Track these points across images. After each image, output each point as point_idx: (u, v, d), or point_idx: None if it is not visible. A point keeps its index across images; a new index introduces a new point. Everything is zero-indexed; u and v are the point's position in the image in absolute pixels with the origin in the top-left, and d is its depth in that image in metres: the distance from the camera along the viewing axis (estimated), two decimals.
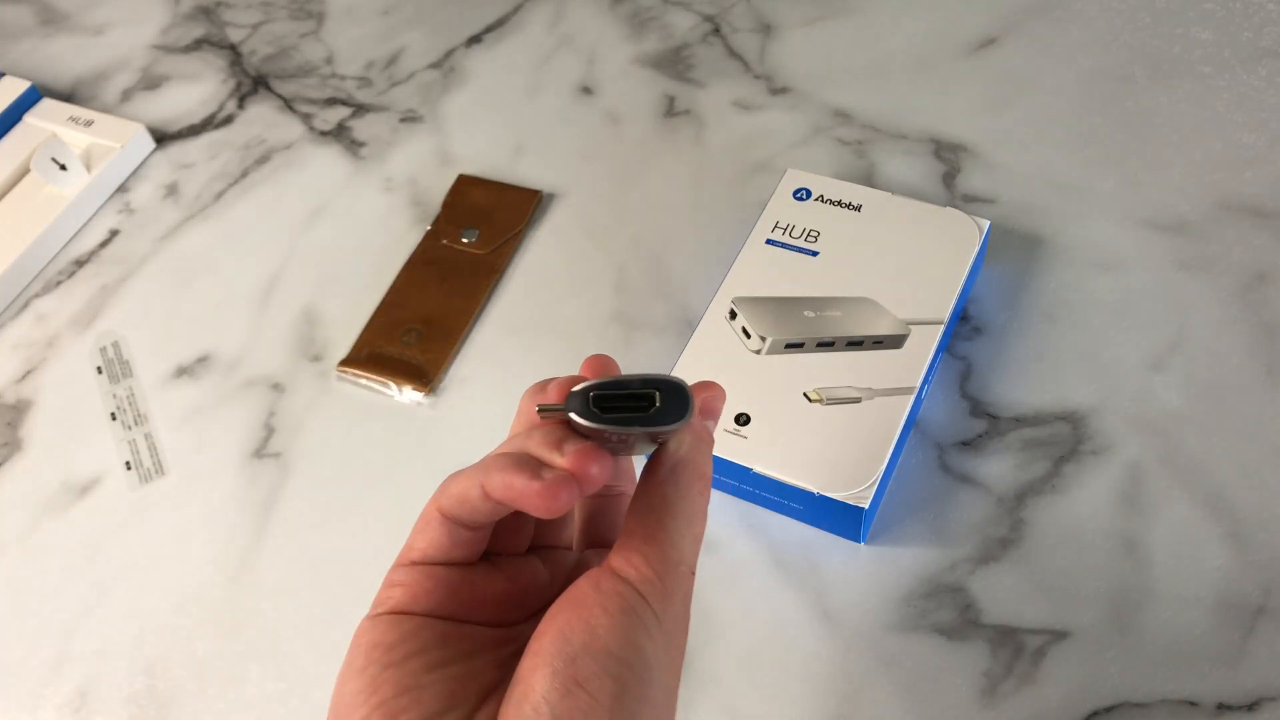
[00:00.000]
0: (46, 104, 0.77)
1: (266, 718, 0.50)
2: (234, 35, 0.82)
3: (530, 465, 0.29)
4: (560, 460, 0.29)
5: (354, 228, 0.69)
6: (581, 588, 0.30)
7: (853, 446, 0.50)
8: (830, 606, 0.50)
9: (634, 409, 0.29)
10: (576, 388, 0.29)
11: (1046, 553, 0.50)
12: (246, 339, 0.65)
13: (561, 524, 0.37)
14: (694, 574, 0.31)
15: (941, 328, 0.54)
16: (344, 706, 0.30)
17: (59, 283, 0.70)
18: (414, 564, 0.33)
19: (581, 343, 0.60)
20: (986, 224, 0.58)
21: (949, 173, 0.65)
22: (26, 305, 0.69)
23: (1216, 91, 0.66)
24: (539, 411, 0.30)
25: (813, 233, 0.59)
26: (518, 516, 0.34)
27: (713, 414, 0.34)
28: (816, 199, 0.60)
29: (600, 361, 0.34)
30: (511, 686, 0.29)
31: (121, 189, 0.74)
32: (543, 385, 0.33)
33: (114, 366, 0.65)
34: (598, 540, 0.38)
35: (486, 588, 0.33)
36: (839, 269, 0.57)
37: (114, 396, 0.63)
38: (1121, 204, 0.62)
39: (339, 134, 0.74)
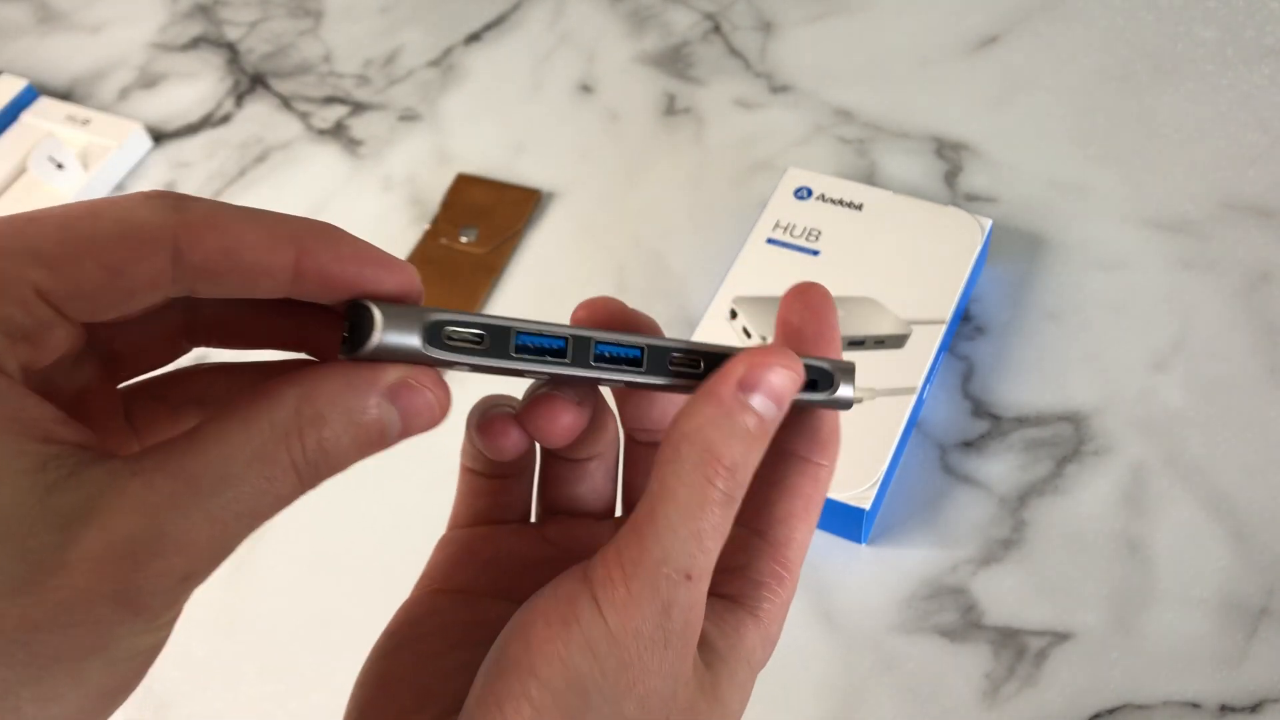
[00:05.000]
0: (43, 102, 0.77)
1: (264, 719, 0.50)
2: (231, 33, 0.82)
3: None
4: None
5: (352, 227, 0.68)
6: (546, 588, 0.25)
7: (854, 447, 0.50)
8: (831, 608, 0.49)
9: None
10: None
11: (1049, 554, 0.50)
12: None
13: None
14: (690, 579, 0.24)
15: (943, 327, 0.54)
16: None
17: None
18: (450, 528, 0.30)
19: None
20: (988, 223, 0.57)
21: (951, 172, 0.65)
22: None
23: (1219, 90, 0.65)
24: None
25: (814, 232, 0.59)
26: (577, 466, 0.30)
27: (751, 386, 0.25)
28: (817, 198, 0.60)
29: (604, 305, 0.28)
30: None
31: (119, 188, 0.74)
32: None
33: None
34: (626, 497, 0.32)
35: (517, 553, 0.29)
36: (840, 268, 0.57)
37: None
38: (1124, 203, 0.61)
39: (337, 133, 0.74)
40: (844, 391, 0.28)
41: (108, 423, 0.25)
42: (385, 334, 0.23)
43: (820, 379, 0.27)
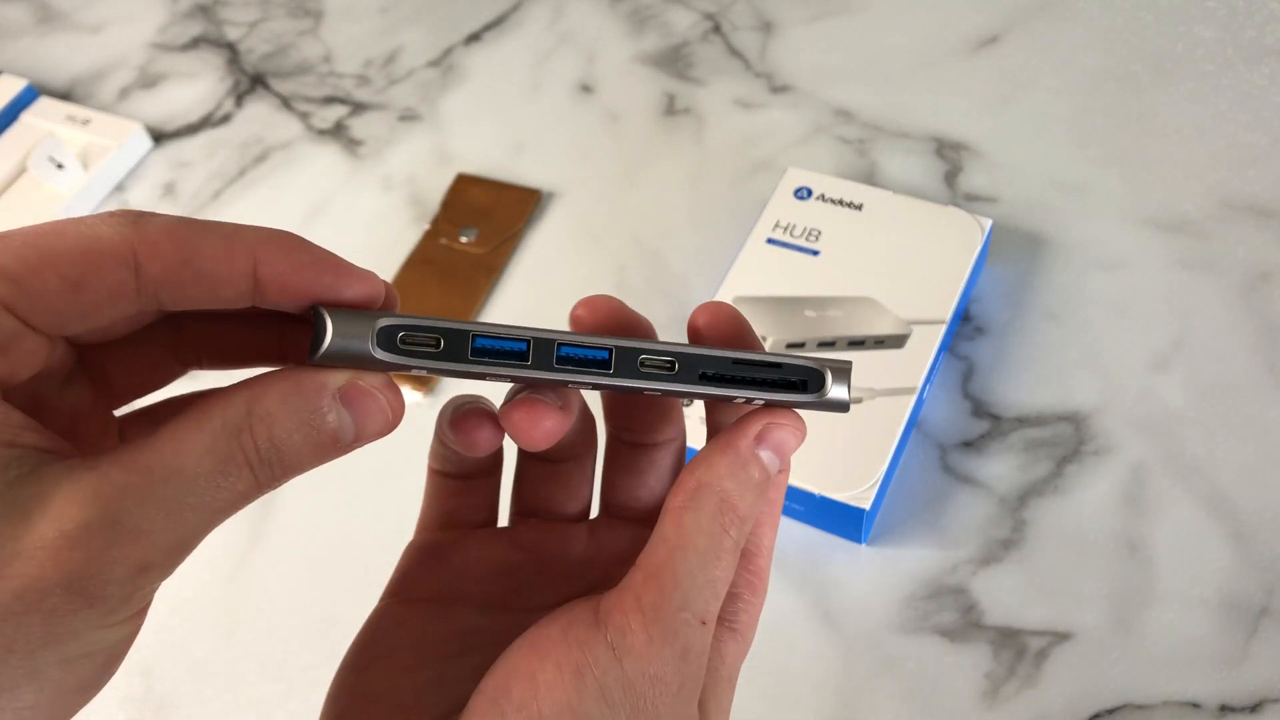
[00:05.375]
0: (43, 102, 0.77)
1: (264, 719, 0.50)
2: (231, 33, 0.82)
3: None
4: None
5: (352, 227, 0.69)
6: (551, 628, 0.25)
7: (854, 447, 0.50)
8: (831, 608, 0.49)
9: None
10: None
11: (1049, 554, 0.50)
12: None
13: (632, 481, 0.31)
14: (704, 624, 0.25)
15: (943, 327, 0.54)
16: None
17: None
18: (417, 531, 0.30)
19: None
20: (988, 223, 0.57)
21: (951, 171, 0.64)
22: None
23: (1219, 90, 0.65)
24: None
25: (814, 232, 0.59)
26: (546, 467, 0.30)
27: (768, 442, 0.27)
28: (817, 198, 0.60)
29: (603, 303, 0.28)
30: None
31: (119, 188, 0.74)
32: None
33: None
34: (619, 505, 0.31)
35: (487, 559, 0.29)
36: (840, 268, 0.57)
37: None
38: (1124, 203, 0.61)
39: (337, 133, 0.74)
40: (837, 392, 0.26)
41: (102, 443, 0.26)
42: (336, 338, 0.23)
43: (810, 380, 0.26)
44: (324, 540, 0.55)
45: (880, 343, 0.53)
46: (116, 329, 0.24)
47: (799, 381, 0.26)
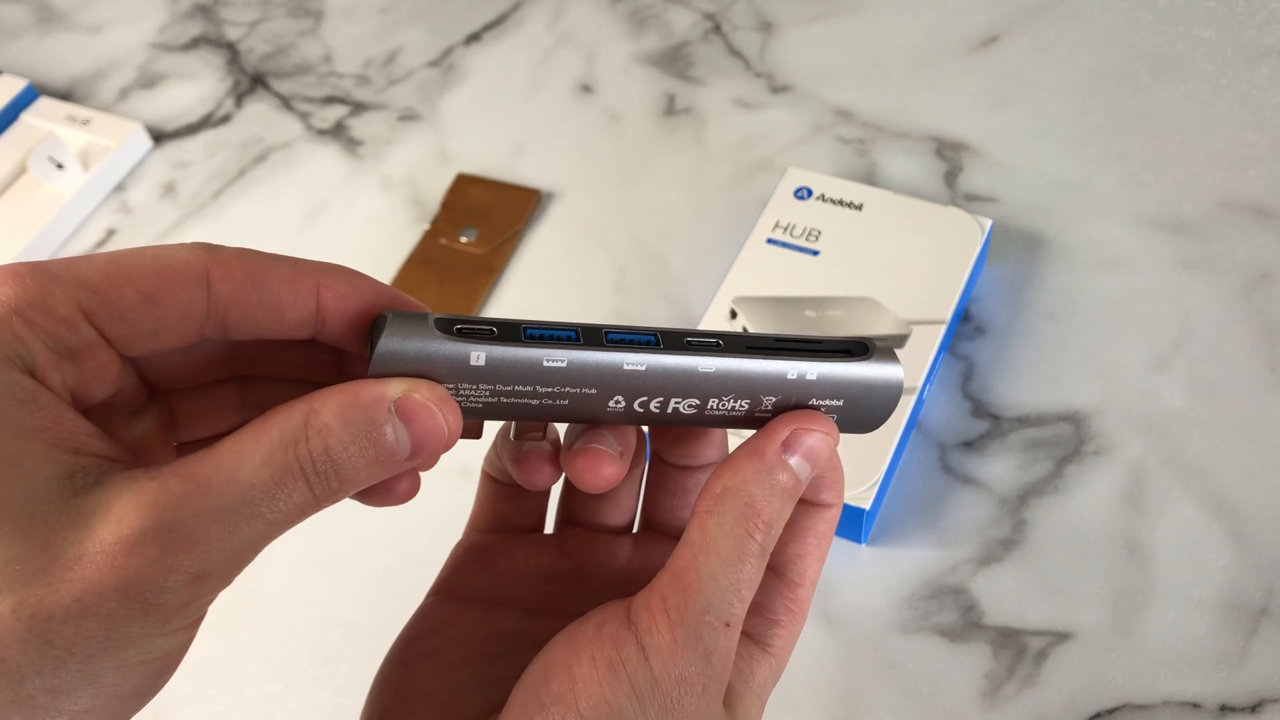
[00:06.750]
0: (43, 102, 0.77)
1: (264, 719, 0.50)
2: (231, 33, 0.82)
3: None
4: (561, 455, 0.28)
5: (352, 227, 0.69)
6: (587, 625, 0.26)
7: (854, 447, 0.50)
8: (831, 608, 0.50)
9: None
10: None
11: (1049, 554, 0.50)
12: None
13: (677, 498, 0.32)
14: (728, 626, 0.25)
15: (943, 328, 0.54)
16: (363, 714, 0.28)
17: None
18: (467, 532, 0.31)
19: None
20: (988, 223, 0.57)
21: (951, 172, 0.64)
22: None
23: (1219, 90, 0.65)
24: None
25: (814, 232, 0.59)
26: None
27: (793, 447, 0.27)
28: (817, 198, 0.60)
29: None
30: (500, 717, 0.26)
31: (119, 188, 0.74)
32: None
33: None
34: (662, 524, 0.32)
35: (534, 564, 0.30)
36: (840, 268, 0.57)
37: None
38: (1124, 203, 0.61)
39: (337, 133, 0.74)
40: (882, 360, 0.27)
41: None
42: (396, 325, 0.23)
43: (853, 348, 0.27)
44: (324, 540, 0.55)
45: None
46: (186, 370, 0.26)
47: (843, 351, 0.27)
